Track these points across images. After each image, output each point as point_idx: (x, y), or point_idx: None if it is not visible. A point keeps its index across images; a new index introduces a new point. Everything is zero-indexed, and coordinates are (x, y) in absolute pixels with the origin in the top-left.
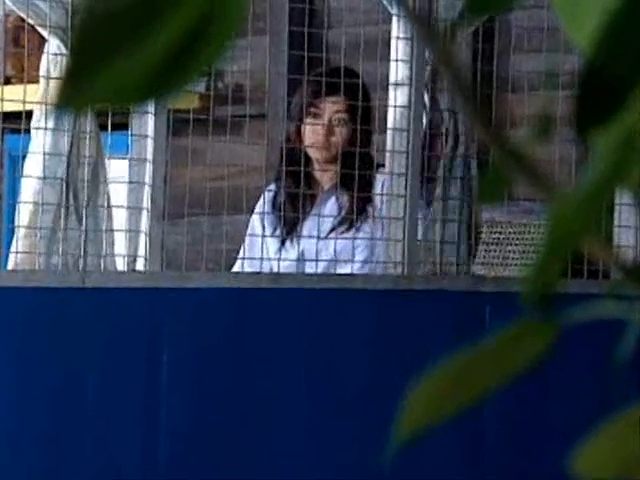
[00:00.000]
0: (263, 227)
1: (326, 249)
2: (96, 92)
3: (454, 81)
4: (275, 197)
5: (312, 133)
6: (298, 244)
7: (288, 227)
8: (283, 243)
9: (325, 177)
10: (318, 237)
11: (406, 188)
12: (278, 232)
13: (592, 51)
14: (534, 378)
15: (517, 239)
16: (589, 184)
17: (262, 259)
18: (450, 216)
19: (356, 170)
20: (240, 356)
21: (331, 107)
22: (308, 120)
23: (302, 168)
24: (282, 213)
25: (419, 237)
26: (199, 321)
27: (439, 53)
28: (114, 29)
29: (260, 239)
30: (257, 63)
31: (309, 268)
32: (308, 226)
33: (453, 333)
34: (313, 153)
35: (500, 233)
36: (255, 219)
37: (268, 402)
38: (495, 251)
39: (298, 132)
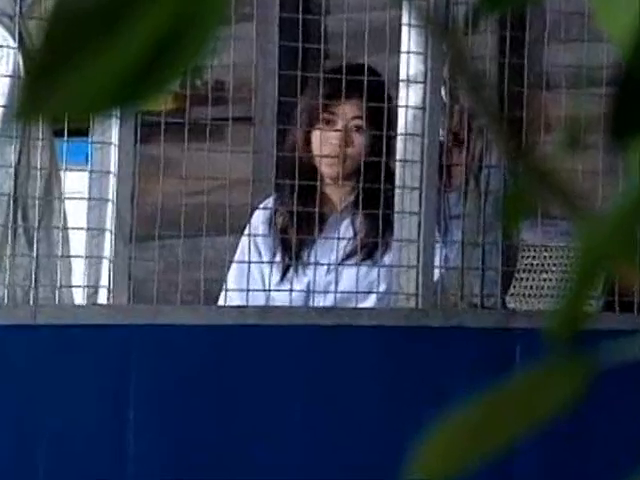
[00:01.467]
0: (258, 253)
1: (338, 281)
2: (61, 98)
3: (468, 81)
4: (273, 216)
5: (324, 143)
6: (304, 274)
7: (292, 253)
8: (285, 272)
9: (338, 194)
10: (328, 265)
11: (420, 204)
12: (278, 258)
13: (628, 48)
14: (567, 421)
15: (554, 265)
16: (624, 202)
17: (250, 290)
18: (475, 238)
19: (371, 186)
20: (223, 405)
21: (347, 112)
22: (319, 127)
23: (299, 182)
24: (284, 236)
25: (436, 263)
26: (174, 364)
27: (450, 49)
28: (83, 27)
29: (253, 267)
30: (242, 56)
31: (316, 303)
32: (317, 253)
33: (477, 378)
34: (325, 167)
35: (534, 258)
36: (245, 242)
37: (259, 458)
38: (527, 280)
39: (307, 141)
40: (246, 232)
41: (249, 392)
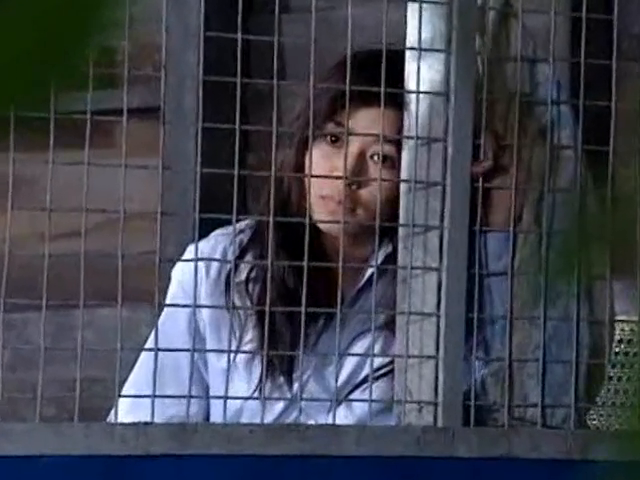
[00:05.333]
0: (199, 337)
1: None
2: None
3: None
4: (231, 274)
5: (323, 178)
6: (307, 377)
7: (280, 343)
8: (268, 372)
9: (357, 251)
10: (339, 356)
11: (441, 254)
12: (250, 345)
13: None
14: None
15: None
16: None
17: (168, 398)
18: (531, 310)
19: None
20: None
21: (367, 126)
22: (318, 150)
23: (287, 220)
24: (260, 308)
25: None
26: None
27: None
28: None
29: (184, 360)
30: (145, 8)
31: (310, 418)
32: (323, 344)
33: None
34: (319, 215)
35: (629, 343)
36: (178, 316)
37: None
38: (620, 379)
39: (297, 168)
40: (169, 296)
41: None
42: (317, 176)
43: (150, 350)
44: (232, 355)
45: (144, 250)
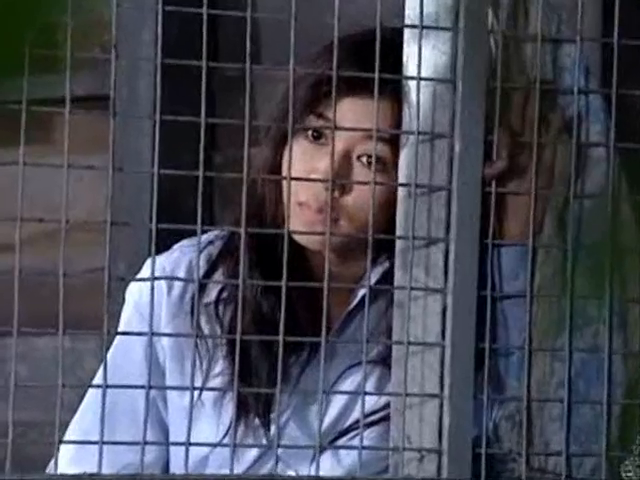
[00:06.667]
0: (160, 371)
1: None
2: None
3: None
4: (196, 293)
5: (300, 182)
6: (285, 418)
7: (255, 378)
8: (240, 412)
9: (345, 270)
10: (321, 393)
11: (447, 273)
12: (220, 380)
13: None
14: None
15: None
16: None
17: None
18: (554, 339)
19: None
20: None
21: (357, 119)
22: (296, 148)
23: (265, 231)
24: (230, 336)
25: (473, 390)
26: None
27: None
28: None
29: (139, 397)
30: None
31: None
32: (306, 379)
33: None
34: (294, 224)
35: None
36: (133, 345)
37: None
38: None
39: (275, 168)
40: (128, 323)
41: None
42: (297, 179)
43: (98, 387)
44: (198, 392)
45: (90, 267)
